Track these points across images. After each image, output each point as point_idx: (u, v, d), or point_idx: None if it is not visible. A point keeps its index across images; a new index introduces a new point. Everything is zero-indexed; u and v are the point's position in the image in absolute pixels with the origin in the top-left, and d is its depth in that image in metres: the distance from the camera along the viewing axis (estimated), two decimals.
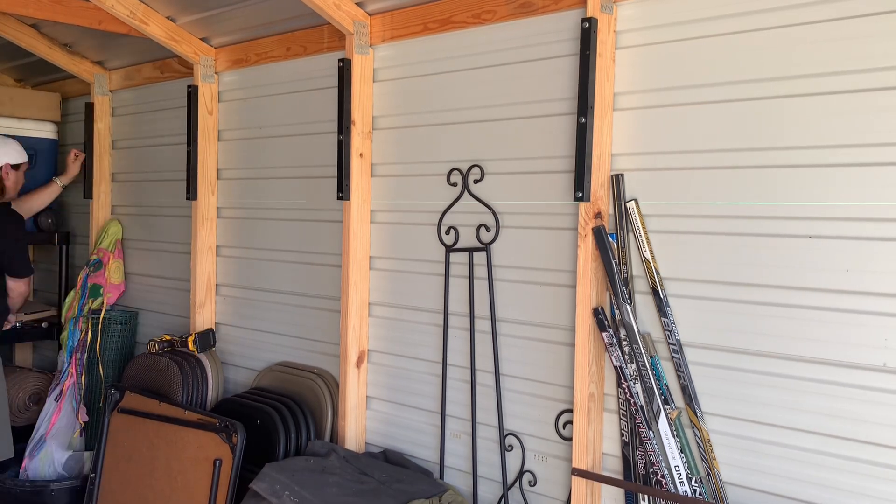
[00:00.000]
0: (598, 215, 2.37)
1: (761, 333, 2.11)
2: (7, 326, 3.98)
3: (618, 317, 2.34)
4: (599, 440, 2.43)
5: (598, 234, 2.35)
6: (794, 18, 2.04)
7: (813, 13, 2.01)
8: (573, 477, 2.42)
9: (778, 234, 2.08)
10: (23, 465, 3.86)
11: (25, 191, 4.18)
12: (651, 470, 2.29)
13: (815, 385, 2.03)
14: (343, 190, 3.06)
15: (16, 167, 3.87)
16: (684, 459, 2.26)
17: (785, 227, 2.06)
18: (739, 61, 2.14)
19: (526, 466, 2.66)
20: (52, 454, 3.86)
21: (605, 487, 2.43)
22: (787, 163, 2.06)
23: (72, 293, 4.29)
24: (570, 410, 2.46)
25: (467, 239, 2.80)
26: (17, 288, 3.69)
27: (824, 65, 1.99)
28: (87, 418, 3.92)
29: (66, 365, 4.05)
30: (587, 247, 2.37)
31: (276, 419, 3.12)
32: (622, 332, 2.34)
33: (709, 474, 2.22)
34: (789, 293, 2.06)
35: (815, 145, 2.01)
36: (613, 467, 2.42)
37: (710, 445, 2.21)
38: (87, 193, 4.45)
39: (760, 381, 2.12)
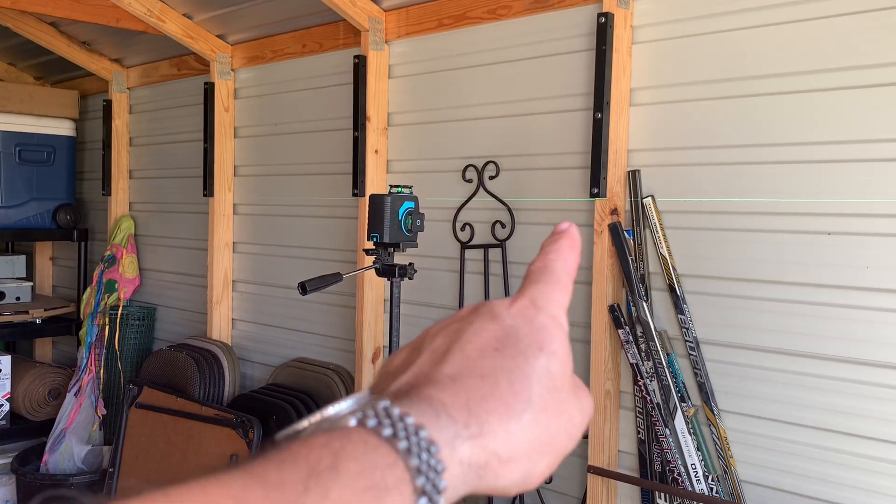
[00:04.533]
0: (614, 212, 2.35)
1: (780, 331, 2.09)
2: None
3: (634, 314, 2.33)
4: (615, 438, 2.42)
5: (615, 230, 2.34)
6: (816, 12, 2.02)
7: (838, 6, 1.98)
8: (589, 474, 2.41)
9: (797, 230, 2.06)
10: (43, 459, 3.90)
11: (43, 191, 4.23)
12: (667, 468, 2.28)
13: (835, 383, 2.00)
14: (358, 186, 3.06)
15: None
16: (701, 457, 2.24)
17: (804, 224, 2.04)
18: (759, 56, 2.11)
19: None
20: (71, 449, 3.90)
21: (621, 485, 2.42)
22: (807, 159, 2.03)
23: (88, 289, 4.33)
24: None
25: (482, 235, 2.79)
26: None
27: (850, 59, 1.96)
28: (104, 411, 3.95)
29: (84, 360, 4.09)
30: (603, 243, 2.36)
31: (293, 415, 3.13)
32: (638, 330, 2.33)
33: (726, 472, 2.20)
34: (809, 290, 2.04)
35: (836, 141, 1.99)
36: (629, 465, 2.41)
37: (728, 443, 2.19)
38: (106, 190, 4.49)
39: (779, 378, 2.10)
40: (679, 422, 2.26)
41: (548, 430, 0.41)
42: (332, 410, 0.39)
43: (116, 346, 4.06)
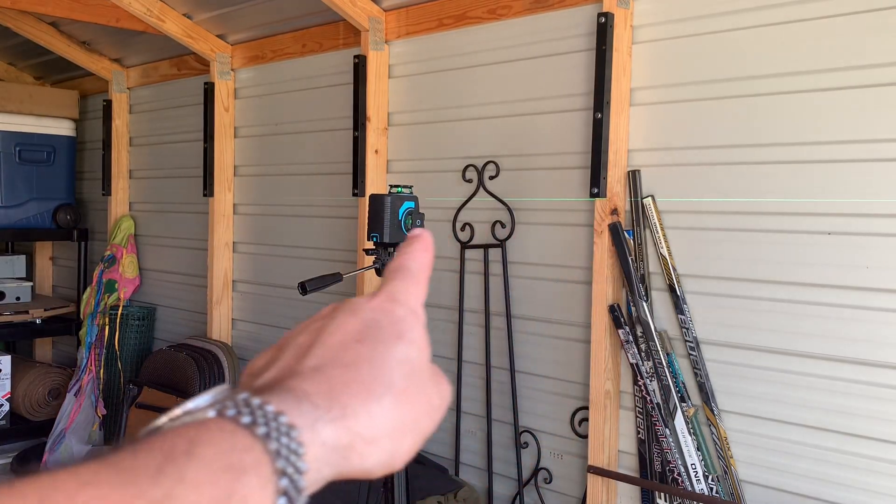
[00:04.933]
0: (614, 212, 2.35)
1: (780, 331, 2.09)
2: None
3: (634, 314, 2.33)
4: (615, 438, 2.42)
5: (615, 230, 2.34)
6: (816, 12, 2.02)
7: (838, 6, 1.98)
8: (589, 474, 2.41)
9: (797, 230, 2.06)
10: (43, 459, 3.90)
11: (42, 191, 4.23)
12: (667, 468, 2.28)
13: (835, 383, 2.00)
14: (358, 186, 3.06)
15: None
16: (701, 457, 2.24)
17: (804, 224, 2.04)
18: (759, 56, 2.11)
19: (541, 464, 2.65)
20: (71, 449, 3.90)
21: (621, 485, 2.42)
22: (807, 159, 2.03)
23: (88, 289, 4.33)
24: (586, 408, 2.45)
25: (482, 235, 2.79)
26: None
27: (850, 59, 1.96)
28: (105, 411, 3.95)
29: (84, 360, 4.09)
30: (603, 243, 2.36)
31: None
32: (638, 330, 2.33)
33: (725, 472, 2.20)
34: (809, 290, 2.04)
35: (836, 141, 1.99)
36: (629, 465, 2.41)
37: (728, 443, 2.19)
38: (106, 190, 4.49)
39: (779, 378, 2.10)
40: (679, 422, 2.26)
41: (409, 411, 0.43)
42: (191, 405, 0.39)
43: (116, 346, 4.06)
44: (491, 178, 2.75)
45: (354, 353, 0.43)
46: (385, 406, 0.42)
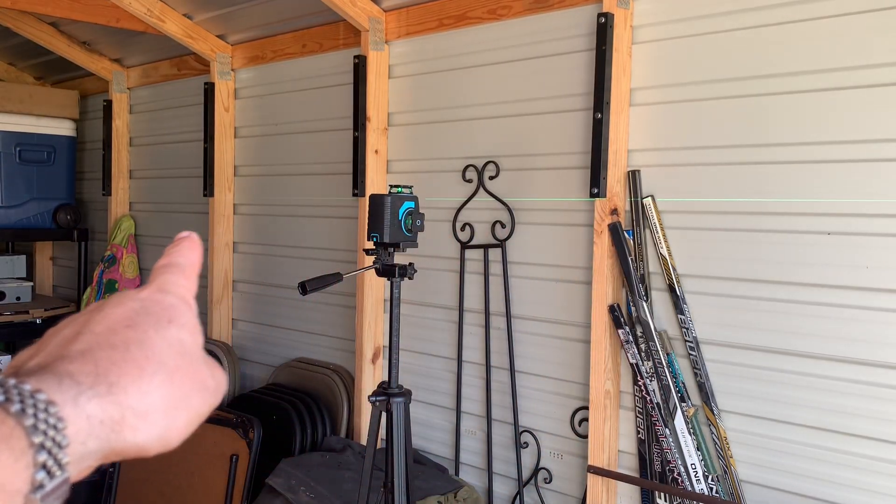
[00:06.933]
0: (613, 212, 2.35)
1: (780, 331, 2.09)
2: None
3: (634, 314, 2.33)
4: (615, 438, 2.42)
5: (614, 230, 2.34)
6: (816, 12, 2.02)
7: (838, 6, 1.98)
8: (589, 474, 2.41)
9: (797, 230, 2.06)
10: None
11: (43, 191, 4.22)
12: (667, 468, 2.28)
13: (835, 383, 2.01)
14: (358, 186, 3.06)
15: None
16: (701, 457, 2.24)
17: (804, 224, 2.04)
18: (759, 56, 2.11)
19: (541, 464, 2.65)
20: None
21: (621, 485, 2.42)
22: (807, 159, 2.04)
23: (89, 289, 4.33)
24: (586, 408, 2.45)
25: (482, 235, 2.79)
26: None
27: (850, 59, 1.97)
28: None
29: None
30: (603, 243, 2.36)
31: (293, 415, 3.13)
32: (638, 330, 2.33)
33: (725, 472, 2.20)
34: (809, 290, 2.04)
35: (836, 141, 1.99)
36: (629, 465, 2.41)
37: (727, 443, 2.19)
38: (106, 190, 4.49)
39: (778, 378, 2.10)
40: (679, 422, 2.26)
41: (182, 388, 0.44)
42: None
43: None
44: (491, 178, 2.75)
45: (123, 336, 0.43)
46: (157, 382, 0.42)
